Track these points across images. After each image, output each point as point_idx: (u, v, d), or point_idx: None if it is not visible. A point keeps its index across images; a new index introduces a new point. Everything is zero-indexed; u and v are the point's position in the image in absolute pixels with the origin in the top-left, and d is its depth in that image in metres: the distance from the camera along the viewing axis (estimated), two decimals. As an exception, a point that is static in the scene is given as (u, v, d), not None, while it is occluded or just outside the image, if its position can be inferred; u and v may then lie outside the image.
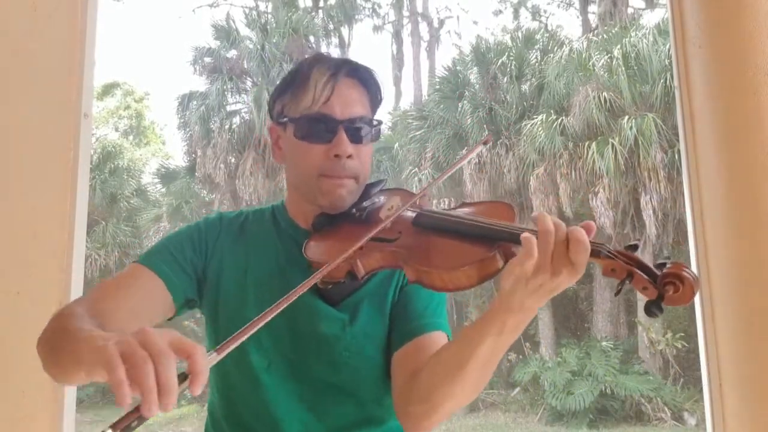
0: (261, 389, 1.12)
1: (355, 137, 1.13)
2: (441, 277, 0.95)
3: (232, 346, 0.75)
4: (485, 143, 1.15)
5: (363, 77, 1.17)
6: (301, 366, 1.13)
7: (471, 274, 0.93)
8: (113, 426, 0.63)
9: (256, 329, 0.78)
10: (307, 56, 1.19)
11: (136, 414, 0.64)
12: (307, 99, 1.12)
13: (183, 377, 0.67)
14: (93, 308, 0.98)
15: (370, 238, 0.98)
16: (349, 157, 1.11)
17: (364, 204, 1.15)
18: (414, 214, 1.07)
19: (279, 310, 0.81)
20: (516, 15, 22.64)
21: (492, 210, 1.05)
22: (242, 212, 1.26)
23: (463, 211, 1.07)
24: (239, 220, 1.24)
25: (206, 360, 0.70)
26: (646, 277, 0.84)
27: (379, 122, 1.19)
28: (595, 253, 0.86)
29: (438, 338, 1.10)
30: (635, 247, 0.88)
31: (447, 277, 0.94)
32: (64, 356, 0.84)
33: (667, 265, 0.84)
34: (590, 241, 0.84)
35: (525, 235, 0.85)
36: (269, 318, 0.80)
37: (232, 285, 1.16)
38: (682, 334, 11.91)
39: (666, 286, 0.82)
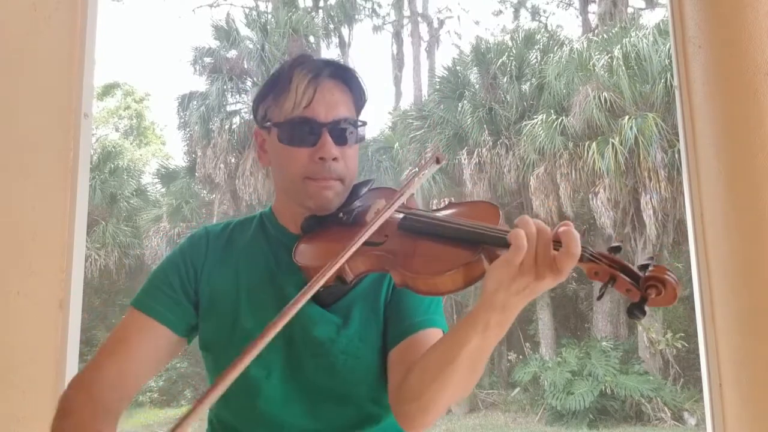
0: (259, 398, 1.12)
1: (340, 139, 1.12)
2: (426, 281, 0.96)
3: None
4: (438, 162, 1.13)
5: (346, 78, 1.16)
6: (297, 371, 1.12)
7: (456, 278, 0.94)
8: None
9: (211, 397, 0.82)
10: (289, 59, 1.19)
11: None
12: (289, 103, 1.11)
13: None
14: (101, 383, 1.06)
15: (357, 245, 0.97)
16: (334, 159, 1.11)
17: (351, 206, 1.15)
18: (400, 217, 1.07)
19: (249, 359, 0.85)
20: (516, 15, 22.64)
21: (477, 211, 1.05)
22: (229, 223, 1.26)
23: (448, 213, 1.08)
24: (226, 232, 1.24)
25: None
26: (629, 279, 0.85)
27: (363, 123, 1.18)
28: None
29: (433, 335, 1.10)
30: (618, 249, 0.88)
31: (432, 281, 0.95)
32: None
33: (650, 268, 0.85)
34: None
35: (513, 231, 0.86)
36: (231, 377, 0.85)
37: (225, 298, 1.16)
38: (682, 334, 11.91)
39: (648, 289, 0.83)
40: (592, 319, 13.91)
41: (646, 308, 0.84)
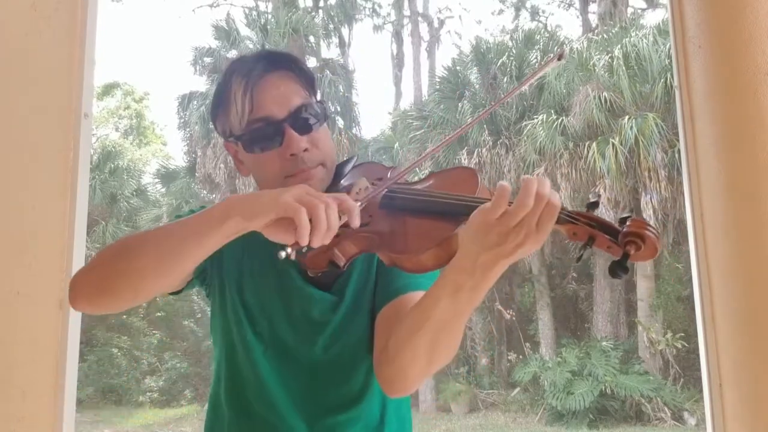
0: (260, 371, 1.14)
1: (304, 128, 1.09)
2: (410, 259, 0.94)
3: (369, 197, 0.96)
4: (559, 58, 1.05)
5: (284, 65, 1.12)
6: (296, 350, 1.14)
7: (438, 254, 0.92)
8: (290, 246, 0.83)
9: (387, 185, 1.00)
10: (226, 66, 1.16)
11: (306, 243, 0.83)
12: (234, 115, 1.09)
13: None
14: None
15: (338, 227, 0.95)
16: (306, 150, 1.08)
17: (336, 188, 1.13)
18: (382, 194, 1.05)
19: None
20: (517, 15, 22.62)
21: (455, 179, 1.03)
22: None
23: (429, 185, 1.06)
24: None
25: (354, 202, 0.89)
26: (608, 237, 0.83)
27: (321, 101, 1.15)
28: None
29: (418, 298, 1.07)
30: (595, 205, 0.85)
31: (416, 259, 0.94)
32: (190, 229, 0.93)
33: (628, 222, 0.82)
34: None
35: (501, 183, 0.83)
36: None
37: (232, 270, 1.18)
38: (682, 334, 11.91)
39: (627, 245, 0.81)
40: (592, 319, 13.91)
41: (629, 265, 0.81)
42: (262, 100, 1.08)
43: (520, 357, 13.66)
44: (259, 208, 0.86)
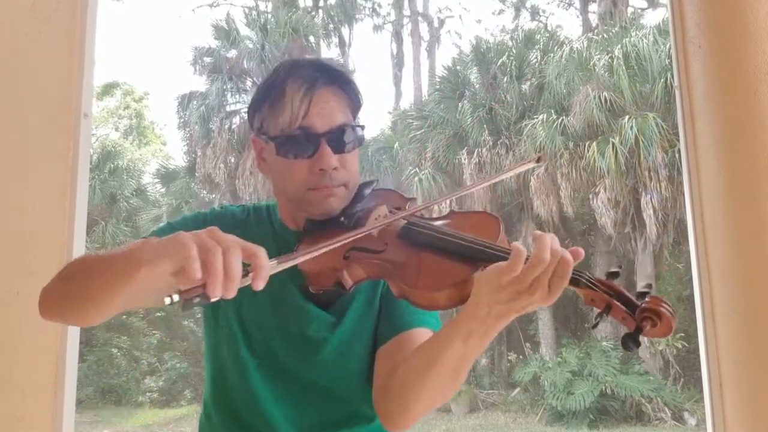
0: (251, 384, 1.14)
1: (339, 147, 1.09)
2: (423, 295, 0.95)
3: (291, 263, 0.84)
4: (538, 161, 1.12)
5: (341, 84, 1.13)
6: (289, 366, 1.14)
7: (452, 295, 0.93)
8: (180, 292, 0.71)
9: (318, 252, 0.88)
10: (280, 64, 1.15)
11: (200, 289, 0.72)
12: (285, 117, 1.09)
13: (245, 272, 0.76)
14: None
15: (352, 241, 0.96)
16: (335, 169, 1.08)
17: (353, 210, 1.13)
18: (401, 225, 1.05)
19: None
20: (517, 15, 22.61)
21: (477, 223, 1.04)
22: (246, 208, 1.26)
23: (449, 223, 1.06)
24: (242, 217, 1.24)
25: (267, 261, 0.77)
26: (624, 309, 0.85)
27: (362, 127, 1.15)
28: (574, 281, 0.86)
29: (422, 335, 1.09)
30: (616, 275, 0.88)
31: (429, 296, 0.94)
32: (105, 271, 0.86)
33: (647, 298, 0.84)
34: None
35: (516, 245, 0.85)
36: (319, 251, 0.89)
37: None
38: (682, 334, 11.90)
39: (644, 321, 0.83)
40: (593, 319, 13.89)
41: (641, 339, 0.83)
42: (312, 111, 1.08)
43: (520, 357, 13.65)
44: (161, 253, 0.76)
